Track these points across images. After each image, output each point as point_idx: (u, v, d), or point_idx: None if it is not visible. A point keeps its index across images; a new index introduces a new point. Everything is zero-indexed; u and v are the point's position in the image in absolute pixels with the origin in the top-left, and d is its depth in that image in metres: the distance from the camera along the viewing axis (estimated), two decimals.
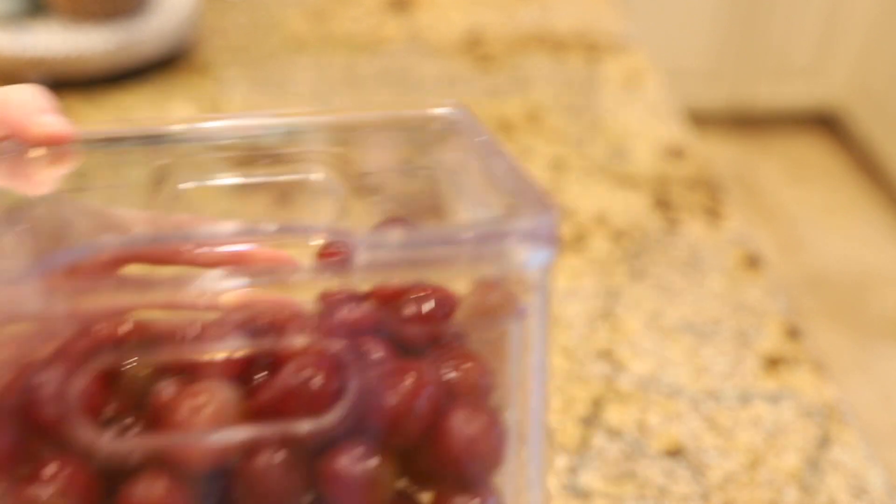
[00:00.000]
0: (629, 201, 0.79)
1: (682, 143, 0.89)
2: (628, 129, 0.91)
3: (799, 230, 2.24)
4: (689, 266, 0.71)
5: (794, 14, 2.38)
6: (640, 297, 0.67)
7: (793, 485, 0.52)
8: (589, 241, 0.73)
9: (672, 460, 0.53)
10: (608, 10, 1.20)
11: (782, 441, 0.55)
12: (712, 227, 0.76)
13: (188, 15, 1.00)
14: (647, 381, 0.59)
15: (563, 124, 0.92)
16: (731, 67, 2.46)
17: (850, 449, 0.54)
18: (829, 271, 2.10)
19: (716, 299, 0.67)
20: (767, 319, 0.65)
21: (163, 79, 0.99)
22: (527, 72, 1.03)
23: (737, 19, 2.38)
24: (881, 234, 2.23)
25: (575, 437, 0.55)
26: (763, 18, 2.37)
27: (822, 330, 1.93)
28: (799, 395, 0.58)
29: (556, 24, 1.15)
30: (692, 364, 0.61)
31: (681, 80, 2.47)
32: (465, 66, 1.03)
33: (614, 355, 0.61)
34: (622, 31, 1.14)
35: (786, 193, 2.38)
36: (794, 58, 2.46)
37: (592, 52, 1.08)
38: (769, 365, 0.61)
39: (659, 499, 0.51)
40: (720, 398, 0.58)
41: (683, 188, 0.81)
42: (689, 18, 2.38)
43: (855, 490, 0.52)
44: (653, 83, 1.01)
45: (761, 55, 2.43)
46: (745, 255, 0.72)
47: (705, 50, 2.43)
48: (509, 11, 1.18)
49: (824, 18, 2.40)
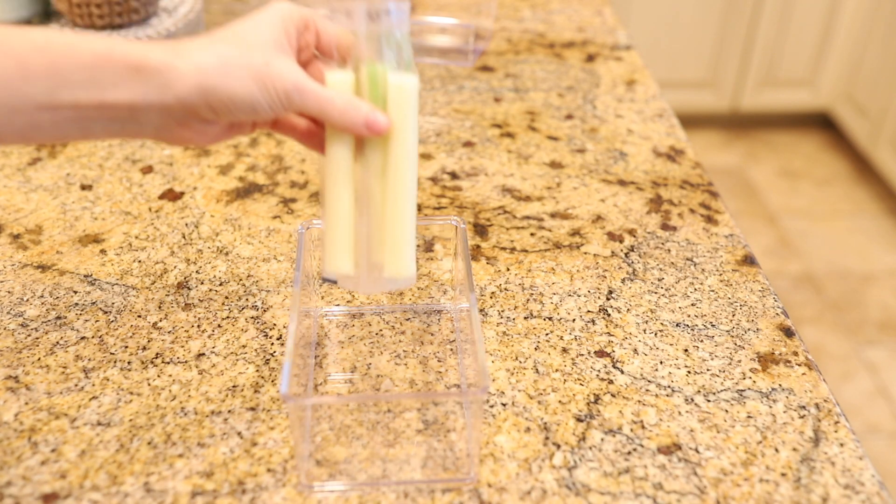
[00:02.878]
0: (626, 202, 0.80)
1: (678, 145, 0.90)
2: (626, 131, 0.92)
3: (792, 230, 2.25)
4: (685, 266, 0.72)
5: (790, 24, 2.39)
6: (636, 297, 0.68)
7: (787, 481, 0.53)
8: (586, 240, 0.74)
9: (668, 457, 0.54)
10: (607, 16, 1.20)
11: (776, 438, 0.56)
12: (708, 228, 0.76)
13: (193, 20, 1.00)
14: (644, 379, 0.60)
15: (562, 126, 0.93)
16: (728, 76, 2.47)
17: (843, 446, 0.55)
18: (823, 271, 2.11)
19: (711, 299, 0.68)
20: (762, 319, 0.66)
21: None
22: (526, 74, 1.03)
23: (735, 30, 2.38)
24: (874, 234, 2.24)
25: (572, 434, 0.56)
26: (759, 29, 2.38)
27: (816, 329, 1.94)
28: (793, 393, 0.59)
29: (557, 28, 1.16)
30: (688, 362, 0.62)
31: (679, 86, 2.47)
32: (467, 67, 1.04)
33: (611, 353, 0.62)
34: (620, 36, 1.14)
35: (780, 194, 2.39)
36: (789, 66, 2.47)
37: (591, 56, 1.08)
38: (764, 363, 0.62)
39: (654, 495, 0.52)
40: (715, 396, 0.59)
41: (679, 189, 0.82)
42: (687, 29, 2.39)
43: (848, 486, 0.53)
44: (650, 86, 1.02)
45: (756, 64, 2.44)
46: (739, 255, 0.73)
47: (703, 60, 2.44)
48: (511, 14, 1.19)
49: (818, 30, 2.41)
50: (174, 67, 0.46)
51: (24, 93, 0.45)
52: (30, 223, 0.75)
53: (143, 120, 0.48)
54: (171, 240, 0.73)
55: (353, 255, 0.53)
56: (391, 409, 0.57)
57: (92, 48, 0.46)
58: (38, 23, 0.97)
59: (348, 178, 0.52)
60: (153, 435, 0.55)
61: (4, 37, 0.45)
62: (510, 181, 0.83)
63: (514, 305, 0.67)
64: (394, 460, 0.54)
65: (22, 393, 0.58)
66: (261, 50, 0.48)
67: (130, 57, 0.46)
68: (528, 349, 0.62)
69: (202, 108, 0.48)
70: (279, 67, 0.48)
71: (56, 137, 0.48)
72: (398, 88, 0.49)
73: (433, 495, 0.51)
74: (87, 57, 0.45)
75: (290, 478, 0.52)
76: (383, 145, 0.51)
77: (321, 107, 0.50)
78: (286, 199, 0.79)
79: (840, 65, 2.47)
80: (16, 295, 0.67)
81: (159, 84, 0.47)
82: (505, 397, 0.58)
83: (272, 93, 0.48)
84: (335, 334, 0.64)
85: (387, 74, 0.50)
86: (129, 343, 0.62)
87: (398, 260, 0.53)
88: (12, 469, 0.53)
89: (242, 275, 0.69)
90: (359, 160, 0.52)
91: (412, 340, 0.63)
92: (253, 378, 0.59)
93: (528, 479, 0.52)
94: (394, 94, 0.49)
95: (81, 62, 0.45)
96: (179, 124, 0.49)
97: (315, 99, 0.49)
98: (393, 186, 0.51)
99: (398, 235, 0.52)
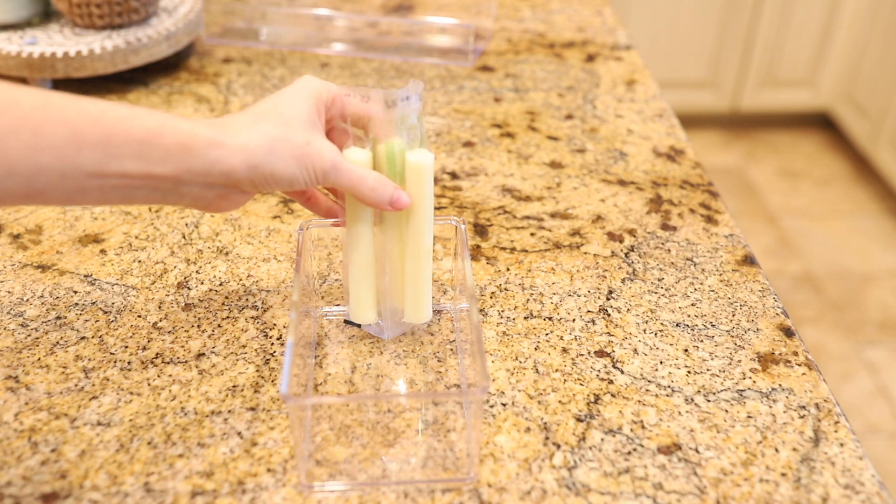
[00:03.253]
0: (626, 202, 0.80)
1: (678, 145, 0.90)
2: (626, 131, 0.92)
3: (792, 230, 2.25)
4: (685, 266, 0.72)
5: (790, 24, 2.39)
6: (636, 297, 0.68)
7: (787, 481, 0.53)
8: (586, 240, 0.74)
9: (668, 457, 0.54)
10: (607, 16, 1.20)
11: (776, 438, 0.56)
12: (708, 228, 0.76)
13: (193, 20, 1.00)
14: (644, 379, 0.60)
15: (562, 126, 0.93)
16: (728, 76, 2.47)
17: (843, 446, 0.55)
18: (823, 271, 2.11)
19: (711, 299, 0.68)
20: (762, 319, 0.66)
21: (167, 81, 1.00)
22: (526, 74, 1.03)
23: (735, 30, 2.38)
24: (874, 234, 2.24)
25: (572, 434, 0.56)
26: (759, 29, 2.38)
27: (816, 329, 1.94)
28: (793, 393, 0.59)
29: (557, 28, 1.16)
30: (688, 362, 0.62)
31: (679, 86, 2.47)
32: (467, 67, 1.04)
33: (611, 353, 0.62)
34: (620, 36, 1.15)
35: (780, 194, 2.39)
36: (789, 66, 2.47)
37: (591, 56, 1.08)
38: (764, 363, 0.62)
39: (654, 495, 0.52)
40: (715, 396, 0.59)
41: (680, 189, 0.82)
42: (687, 29, 2.39)
43: (848, 486, 0.53)
44: (650, 86, 1.02)
45: (756, 64, 2.44)
46: (739, 255, 0.73)
47: (703, 59, 2.44)
48: (511, 14, 1.19)
49: (818, 30, 2.41)
50: (222, 145, 0.50)
51: (76, 162, 0.47)
52: (30, 223, 0.75)
53: (185, 192, 0.51)
54: (171, 240, 0.73)
55: (377, 307, 0.61)
56: (391, 409, 0.57)
57: (143, 123, 0.48)
58: (38, 23, 0.97)
59: (369, 243, 0.58)
60: (153, 435, 0.55)
61: (60, 106, 0.47)
62: (510, 181, 0.83)
63: (514, 305, 0.67)
64: (394, 460, 0.54)
65: (22, 393, 0.58)
66: (300, 129, 0.52)
67: (180, 134, 0.49)
68: (528, 349, 0.62)
69: (245, 183, 0.52)
70: (318, 147, 0.53)
71: (98, 202, 0.50)
72: (416, 166, 0.55)
73: (433, 495, 0.51)
74: (139, 132, 0.48)
75: (290, 478, 0.52)
76: (402, 215, 0.57)
77: (353, 185, 0.54)
78: (286, 199, 0.79)
79: (840, 65, 2.47)
80: (16, 295, 0.67)
81: (207, 161, 0.50)
82: (505, 397, 0.58)
83: (311, 171, 0.53)
84: (335, 334, 0.64)
85: (404, 153, 0.56)
86: (129, 343, 0.62)
87: (419, 310, 0.60)
88: (12, 469, 0.53)
89: (242, 275, 0.69)
90: (379, 226, 0.59)
91: (412, 340, 0.63)
92: (253, 378, 0.59)
93: (528, 479, 0.52)
94: (411, 171, 0.55)
95: (133, 136, 0.48)
96: (218, 196, 0.53)
97: (349, 178, 0.54)
98: (413, 249, 0.58)
99: (418, 290, 0.59)
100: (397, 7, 1.20)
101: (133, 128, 0.48)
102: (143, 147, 0.48)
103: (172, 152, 0.49)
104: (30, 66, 0.91)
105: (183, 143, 0.49)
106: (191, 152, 0.49)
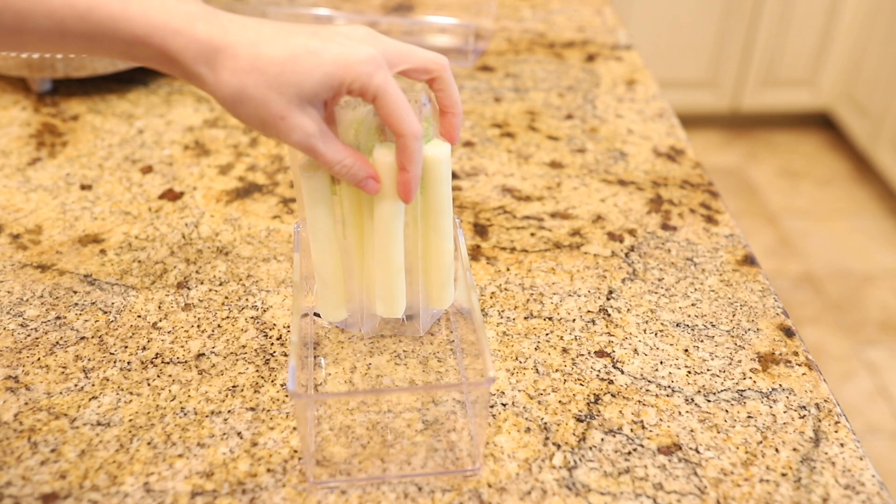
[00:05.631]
0: (626, 202, 0.80)
1: (678, 145, 0.90)
2: (626, 131, 0.92)
3: (792, 230, 2.25)
4: (685, 266, 0.72)
5: (790, 24, 2.39)
6: (636, 297, 0.68)
7: (787, 481, 0.53)
8: (586, 240, 0.74)
9: (668, 457, 0.54)
10: (607, 16, 1.20)
11: (777, 438, 0.56)
12: (708, 228, 0.76)
13: None
14: (644, 379, 0.60)
15: (562, 126, 0.93)
16: (728, 76, 2.47)
17: (843, 446, 0.55)
18: (823, 271, 2.11)
19: (711, 299, 0.68)
20: (762, 319, 0.66)
21: (167, 81, 1.00)
22: (526, 74, 1.03)
23: (735, 30, 2.38)
24: (874, 234, 2.24)
25: (572, 434, 0.55)
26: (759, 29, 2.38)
27: (816, 329, 1.94)
28: (793, 393, 0.59)
29: (557, 28, 1.16)
30: (688, 362, 0.62)
31: (679, 86, 2.47)
32: (467, 67, 1.04)
33: (611, 353, 0.62)
34: (621, 36, 1.14)
35: (780, 194, 2.39)
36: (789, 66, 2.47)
37: (591, 56, 1.08)
38: (764, 363, 0.62)
39: (655, 495, 0.52)
40: (716, 396, 0.59)
41: (680, 189, 0.82)
42: (687, 29, 2.39)
43: (848, 486, 0.53)
44: (650, 86, 1.02)
45: (756, 64, 2.44)
46: (739, 255, 0.73)
47: (703, 59, 2.44)
48: (511, 14, 1.19)
49: (818, 30, 2.41)
50: (200, 76, 0.50)
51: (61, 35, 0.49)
52: (30, 223, 0.75)
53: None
54: (171, 240, 0.73)
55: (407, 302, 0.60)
56: (391, 409, 0.57)
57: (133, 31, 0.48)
58: None
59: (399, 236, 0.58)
60: (153, 435, 0.55)
61: None
62: (510, 181, 0.83)
63: (514, 305, 0.67)
64: (394, 460, 0.54)
65: (22, 393, 0.58)
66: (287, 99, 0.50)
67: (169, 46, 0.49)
68: (529, 349, 0.62)
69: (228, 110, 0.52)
70: (292, 124, 0.51)
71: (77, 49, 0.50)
72: (434, 159, 0.56)
73: (433, 495, 0.51)
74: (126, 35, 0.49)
75: (290, 478, 0.52)
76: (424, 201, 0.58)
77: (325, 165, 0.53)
78: (286, 198, 0.79)
79: (840, 65, 2.47)
80: (16, 295, 0.67)
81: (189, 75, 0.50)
82: (505, 397, 0.58)
83: (274, 137, 0.52)
84: (335, 334, 0.64)
85: (372, 128, 0.57)
86: (128, 343, 0.62)
87: (444, 295, 0.61)
88: (12, 469, 0.53)
89: (242, 275, 0.69)
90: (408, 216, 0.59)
91: (412, 340, 0.63)
92: (253, 378, 0.59)
93: (528, 480, 0.52)
94: (430, 163, 0.56)
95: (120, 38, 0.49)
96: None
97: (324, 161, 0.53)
98: (436, 235, 0.59)
99: (443, 276, 0.60)
100: (397, 7, 1.20)
101: (120, 30, 0.48)
102: (132, 48, 0.49)
103: (159, 59, 0.50)
104: (30, 66, 0.91)
105: (172, 58, 0.49)
106: (177, 67, 0.50)
